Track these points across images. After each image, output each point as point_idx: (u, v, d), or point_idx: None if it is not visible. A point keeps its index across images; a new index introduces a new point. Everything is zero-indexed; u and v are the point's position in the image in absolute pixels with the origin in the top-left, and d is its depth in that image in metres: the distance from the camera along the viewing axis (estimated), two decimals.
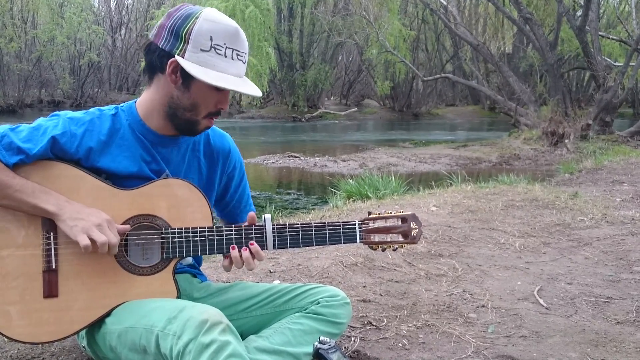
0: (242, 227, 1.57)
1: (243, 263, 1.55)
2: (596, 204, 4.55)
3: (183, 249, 1.53)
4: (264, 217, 1.59)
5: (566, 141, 12.27)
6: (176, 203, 1.54)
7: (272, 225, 1.58)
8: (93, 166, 1.52)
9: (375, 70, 27.80)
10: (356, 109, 29.30)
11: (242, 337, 1.47)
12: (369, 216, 1.66)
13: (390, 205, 4.37)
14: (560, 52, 17.38)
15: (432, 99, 30.81)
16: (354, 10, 21.89)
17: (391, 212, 1.66)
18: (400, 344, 1.93)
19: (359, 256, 2.86)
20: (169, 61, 1.47)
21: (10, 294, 1.45)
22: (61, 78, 27.10)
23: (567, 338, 2.01)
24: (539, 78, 19.10)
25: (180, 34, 1.46)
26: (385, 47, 18.82)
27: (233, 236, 1.56)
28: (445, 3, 19.05)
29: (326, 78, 27.84)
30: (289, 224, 1.59)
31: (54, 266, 1.46)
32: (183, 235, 1.53)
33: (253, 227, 1.58)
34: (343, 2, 25.76)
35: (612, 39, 17.09)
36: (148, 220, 1.52)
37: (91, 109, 1.59)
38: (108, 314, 1.50)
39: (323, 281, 2.53)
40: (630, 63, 13.56)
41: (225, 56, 1.47)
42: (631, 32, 16.01)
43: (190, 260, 1.76)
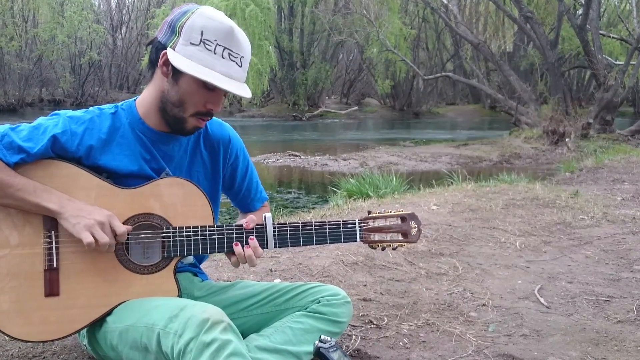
0: (243, 226, 1.57)
1: (246, 260, 1.55)
2: (597, 203, 4.55)
3: (184, 248, 1.53)
4: (265, 216, 1.59)
5: (567, 140, 12.27)
6: (177, 202, 1.54)
7: (273, 224, 1.58)
8: (94, 164, 1.52)
9: (375, 69, 27.79)
10: (357, 108, 29.29)
11: (243, 336, 1.47)
12: (369, 215, 1.66)
13: (390, 204, 4.38)
14: (560, 51, 17.40)
15: (433, 98, 30.83)
16: (355, 9, 21.87)
17: (391, 212, 1.66)
18: (400, 343, 1.93)
19: (360, 255, 2.86)
20: (161, 53, 1.47)
21: (11, 293, 1.45)
22: (62, 77, 27.12)
23: (568, 337, 2.00)
24: (540, 77, 19.11)
25: (175, 28, 1.46)
26: (385, 46, 18.82)
27: (234, 235, 1.56)
28: (445, 2, 19.05)
29: (327, 77, 27.85)
30: (290, 223, 1.60)
31: (55, 265, 1.46)
32: (184, 234, 1.53)
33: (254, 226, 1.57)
34: (344, 1, 25.75)
35: (613, 38, 17.10)
36: (149, 219, 1.52)
37: (91, 108, 1.59)
38: (109, 313, 1.51)
39: (324, 280, 2.53)
40: (630, 62, 13.56)
41: (214, 52, 1.45)
42: (632, 31, 15.98)
43: (191, 259, 1.76)
